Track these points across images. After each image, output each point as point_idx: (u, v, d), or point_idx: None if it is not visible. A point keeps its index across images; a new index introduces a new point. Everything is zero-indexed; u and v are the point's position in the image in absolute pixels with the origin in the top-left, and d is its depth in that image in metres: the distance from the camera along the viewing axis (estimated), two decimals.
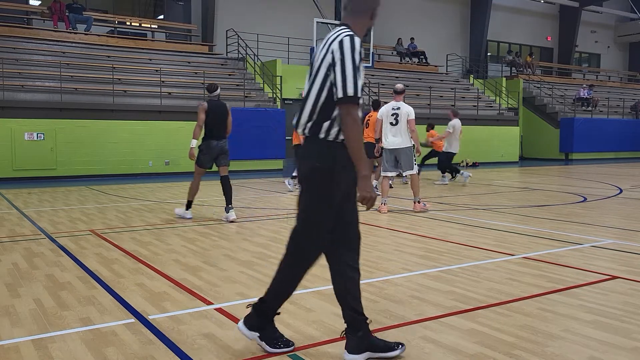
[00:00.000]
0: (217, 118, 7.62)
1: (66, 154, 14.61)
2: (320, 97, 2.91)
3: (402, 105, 8.48)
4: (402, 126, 8.39)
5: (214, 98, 7.73)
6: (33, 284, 4.49)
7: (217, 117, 7.61)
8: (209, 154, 7.69)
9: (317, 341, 3.27)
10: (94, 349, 3.16)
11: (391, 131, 8.49)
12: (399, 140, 8.42)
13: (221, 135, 7.71)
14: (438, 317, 3.70)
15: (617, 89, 31.62)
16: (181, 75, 18.07)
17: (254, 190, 11.94)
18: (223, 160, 7.76)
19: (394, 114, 8.45)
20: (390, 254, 5.65)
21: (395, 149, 8.50)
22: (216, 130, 7.64)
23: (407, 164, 8.49)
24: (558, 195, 10.82)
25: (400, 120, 8.39)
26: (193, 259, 5.40)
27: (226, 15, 21.58)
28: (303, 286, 4.42)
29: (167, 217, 8.13)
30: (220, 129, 7.69)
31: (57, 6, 17.99)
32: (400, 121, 8.39)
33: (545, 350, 3.14)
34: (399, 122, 8.40)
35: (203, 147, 7.73)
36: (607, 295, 4.18)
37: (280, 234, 6.79)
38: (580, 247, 5.97)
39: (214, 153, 7.69)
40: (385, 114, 8.60)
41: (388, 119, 8.52)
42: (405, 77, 23.60)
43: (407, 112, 8.41)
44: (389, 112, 8.53)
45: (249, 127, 16.96)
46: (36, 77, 15.44)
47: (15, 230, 7.03)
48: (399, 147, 8.44)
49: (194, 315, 3.73)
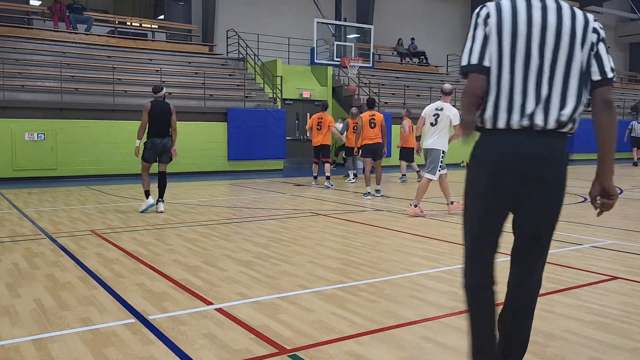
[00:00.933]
0: (160, 117, 8.32)
1: (66, 154, 14.61)
2: (576, 80, 2.37)
3: (446, 107, 8.19)
4: (440, 127, 8.14)
5: (159, 98, 8.45)
6: (33, 284, 4.50)
7: (160, 117, 8.31)
8: (152, 150, 8.38)
9: (317, 341, 3.27)
10: (94, 349, 3.16)
11: (429, 131, 8.26)
12: (432, 141, 8.21)
13: (164, 133, 8.39)
14: (438, 317, 3.70)
15: (617, 89, 31.59)
16: (181, 75, 18.08)
17: (254, 191, 11.94)
18: (165, 157, 8.52)
19: (436, 114, 8.19)
20: (391, 254, 5.65)
21: (429, 148, 8.29)
22: (159, 129, 8.33)
23: (429, 165, 8.23)
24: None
25: (440, 122, 8.13)
26: (193, 259, 5.40)
27: (226, 15, 21.59)
28: (303, 286, 4.43)
29: (167, 217, 8.14)
30: (163, 127, 8.37)
31: (58, 6, 18.01)
32: (440, 122, 8.13)
33: (546, 351, 3.14)
34: (438, 123, 8.15)
35: (148, 144, 8.40)
36: (607, 296, 4.18)
37: (280, 234, 6.80)
38: (580, 248, 5.97)
39: (158, 150, 8.38)
40: (427, 113, 8.35)
41: (429, 119, 8.28)
42: (405, 77, 23.60)
43: (451, 116, 8.10)
44: (431, 112, 8.28)
45: (249, 127, 16.97)
46: (37, 77, 15.44)
47: (16, 230, 7.03)
48: (431, 147, 8.23)
49: (194, 316, 3.73)
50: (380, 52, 25.01)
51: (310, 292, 4.27)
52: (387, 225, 7.43)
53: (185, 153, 16.33)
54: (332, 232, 6.92)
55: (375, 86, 20.52)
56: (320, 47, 19.63)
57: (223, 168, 16.85)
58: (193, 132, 16.28)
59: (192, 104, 16.86)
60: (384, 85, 21.27)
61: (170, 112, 8.38)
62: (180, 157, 16.15)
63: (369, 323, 3.58)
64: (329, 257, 5.50)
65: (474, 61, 2.37)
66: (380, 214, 8.44)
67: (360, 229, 7.11)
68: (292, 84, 20.06)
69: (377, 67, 23.00)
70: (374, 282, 4.57)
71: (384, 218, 8.09)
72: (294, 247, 6.00)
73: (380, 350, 3.15)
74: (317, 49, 19.44)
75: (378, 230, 7.04)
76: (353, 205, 9.42)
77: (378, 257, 5.53)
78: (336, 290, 4.32)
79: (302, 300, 4.06)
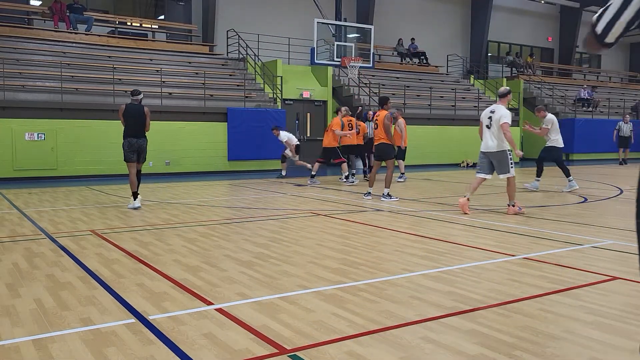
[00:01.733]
0: (135, 119, 9.03)
1: (67, 154, 14.62)
2: None
3: (498, 109, 8.34)
4: (494, 129, 8.31)
5: (135, 101, 9.16)
6: (33, 284, 4.50)
7: (134, 118, 9.03)
8: (130, 150, 9.05)
9: (317, 341, 3.27)
10: (94, 349, 3.16)
11: (486, 134, 8.43)
12: (492, 144, 8.35)
13: (139, 134, 9.08)
14: (438, 317, 3.69)
15: (617, 90, 31.61)
16: (182, 75, 18.08)
17: (254, 191, 11.94)
18: (141, 157, 9.20)
19: (490, 117, 8.38)
20: (391, 255, 5.65)
21: (489, 152, 8.43)
22: (135, 130, 9.04)
23: (500, 168, 8.38)
24: (558, 196, 10.82)
25: (494, 124, 8.31)
26: (193, 259, 5.40)
27: (227, 15, 21.59)
28: (303, 286, 4.43)
29: (168, 217, 8.14)
30: (138, 128, 9.06)
31: (58, 6, 18.01)
32: (493, 124, 8.32)
33: (546, 351, 3.13)
34: (492, 126, 8.34)
35: (125, 144, 9.05)
36: (607, 296, 4.18)
37: (280, 234, 6.80)
38: (580, 248, 5.96)
39: (134, 149, 9.06)
40: (483, 117, 8.55)
41: (485, 122, 8.47)
42: (405, 77, 23.59)
43: (500, 115, 8.25)
44: (486, 115, 8.48)
45: (250, 127, 16.97)
46: (37, 77, 15.45)
47: (16, 230, 7.03)
48: (492, 150, 8.36)
49: (194, 316, 3.73)
50: (381, 52, 25.00)
51: (311, 292, 4.27)
52: (387, 225, 7.43)
53: (186, 153, 16.36)
54: (332, 232, 6.92)
55: (376, 86, 20.52)
56: (320, 47, 19.63)
57: (223, 168, 16.86)
58: (193, 132, 16.30)
59: (192, 104, 16.87)
60: (384, 85, 21.27)
61: (144, 114, 9.07)
62: (181, 157, 16.23)
63: (369, 323, 3.58)
64: (329, 257, 5.50)
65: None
66: (381, 214, 8.44)
67: (361, 229, 7.11)
68: (293, 84, 20.06)
69: (377, 68, 23.00)
70: (374, 282, 4.57)
71: (384, 218, 8.09)
72: (294, 247, 6.00)
73: (380, 350, 3.15)
74: (318, 49, 19.44)
75: (378, 231, 7.04)
76: (353, 206, 9.42)
77: (378, 257, 5.53)
78: (336, 291, 4.32)
79: (302, 301, 4.06)
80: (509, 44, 30.33)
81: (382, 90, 20.47)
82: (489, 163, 8.52)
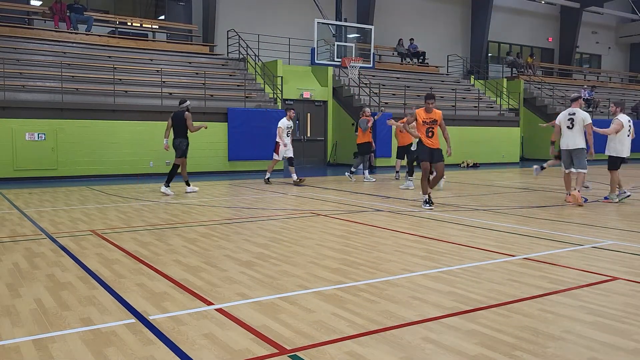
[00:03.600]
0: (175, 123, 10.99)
1: (67, 154, 14.61)
2: None
3: (578, 112, 9.56)
4: (577, 129, 9.45)
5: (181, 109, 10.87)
6: (34, 284, 4.50)
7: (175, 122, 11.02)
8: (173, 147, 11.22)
9: (317, 341, 3.27)
10: (95, 349, 3.16)
11: (567, 134, 9.58)
12: (573, 142, 9.50)
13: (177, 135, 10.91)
14: (439, 317, 3.70)
15: (618, 90, 31.60)
16: (182, 75, 18.08)
17: (254, 191, 11.94)
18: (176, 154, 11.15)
19: (570, 119, 9.54)
20: (391, 255, 5.65)
21: (570, 149, 9.58)
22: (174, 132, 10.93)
23: (579, 163, 9.53)
24: (559, 196, 10.81)
25: (576, 124, 9.45)
26: (194, 260, 5.41)
27: (227, 15, 21.59)
28: (303, 287, 4.44)
29: (168, 218, 8.14)
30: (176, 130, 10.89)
31: (58, 6, 18.01)
32: (576, 124, 9.46)
33: (546, 351, 3.14)
34: (575, 126, 9.47)
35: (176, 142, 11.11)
36: (607, 297, 4.18)
37: (280, 234, 6.80)
38: (580, 248, 5.97)
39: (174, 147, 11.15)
40: (562, 120, 9.67)
41: (565, 124, 9.61)
42: (405, 77, 23.59)
43: (583, 117, 9.47)
44: (565, 118, 9.63)
45: (250, 127, 16.96)
46: (37, 78, 15.45)
47: (16, 230, 7.03)
48: (574, 147, 9.52)
49: (194, 316, 3.73)
50: (381, 52, 25.00)
51: (311, 293, 4.27)
52: (387, 225, 7.43)
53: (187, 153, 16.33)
54: (333, 232, 6.92)
55: (376, 86, 20.52)
56: (320, 47, 19.63)
57: (223, 168, 16.85)
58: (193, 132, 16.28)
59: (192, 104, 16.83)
60: (384, 85, 21.27)
61: (184, 118, 10.95)
62: None
63: (369, 323, 3.58)
64: (329, 257, 5.51)
65: None
66: (381, 214, 8.45)
67: (361, 230, 7.11)
68: (293, 84, 20.07)
69: (378, 68, 23.00)
70: (374, 282, 4.58)
71: (384, 218, 8.09)
72: (294, 247, 6.01)
73: (380, 350, 3.15)
74: (318, 49, 19.43)
75: (378, 231, 7.04)
76: (353, 206, 9.42)
77: (378, 257, 5.53)
78: (336, 291, 4.32)
79: (303, 301, 4.06)
80: (509, 44, 30.33)
81: (382, 91, 20.47)
82: (571, 159, 9.65)
